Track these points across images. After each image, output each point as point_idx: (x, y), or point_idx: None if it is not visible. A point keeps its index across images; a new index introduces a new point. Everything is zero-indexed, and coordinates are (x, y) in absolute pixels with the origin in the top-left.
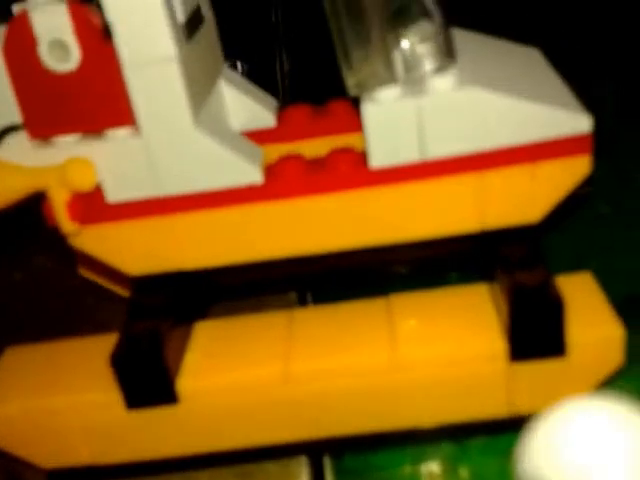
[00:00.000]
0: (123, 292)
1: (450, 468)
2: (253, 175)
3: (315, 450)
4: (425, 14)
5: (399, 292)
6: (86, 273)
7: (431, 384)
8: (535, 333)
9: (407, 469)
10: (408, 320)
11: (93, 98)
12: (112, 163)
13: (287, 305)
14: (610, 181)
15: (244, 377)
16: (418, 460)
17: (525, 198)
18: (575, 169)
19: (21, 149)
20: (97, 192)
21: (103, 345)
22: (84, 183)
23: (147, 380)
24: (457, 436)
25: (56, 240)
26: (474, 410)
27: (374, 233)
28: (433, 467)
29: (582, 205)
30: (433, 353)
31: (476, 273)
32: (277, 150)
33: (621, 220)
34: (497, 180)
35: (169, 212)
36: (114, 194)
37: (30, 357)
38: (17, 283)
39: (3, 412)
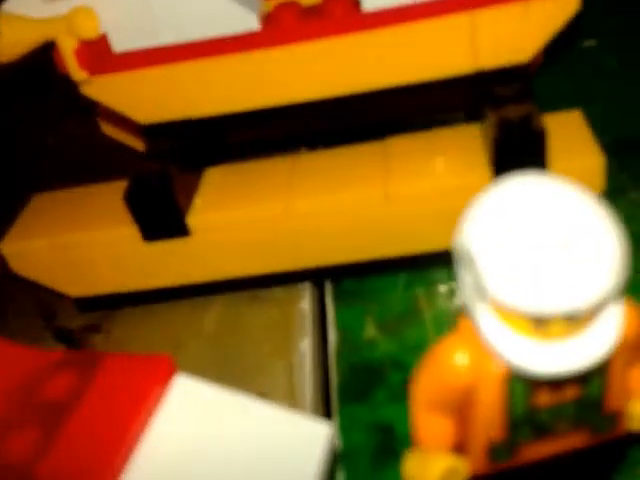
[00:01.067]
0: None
1: (436, 291)
2: (250, 22)
3: (317, 276)
4: None
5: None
6: (108, 130)
7: (422, 214)
8: (518, 163)
9: (400, 291)
10: (402, 158)
11: None
12: (114, 13)
13: None
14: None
15: (249, 212)
16: (411, 284)
17: (517, 37)
18: (565, 6)
19: (30, 3)
20: (104, 43)
21: (123, 188)
22: (89, 30)
23: (159, 215)
24: (447, 263)
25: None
26: None
27: (371, 76)
28: (423, 290)
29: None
30: (424, 185)
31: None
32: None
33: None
34: (489, 19)
35: (171, 61)
36: (119, 44)
37: (55, 201)
38: (49, 147)
39: (33, 245)
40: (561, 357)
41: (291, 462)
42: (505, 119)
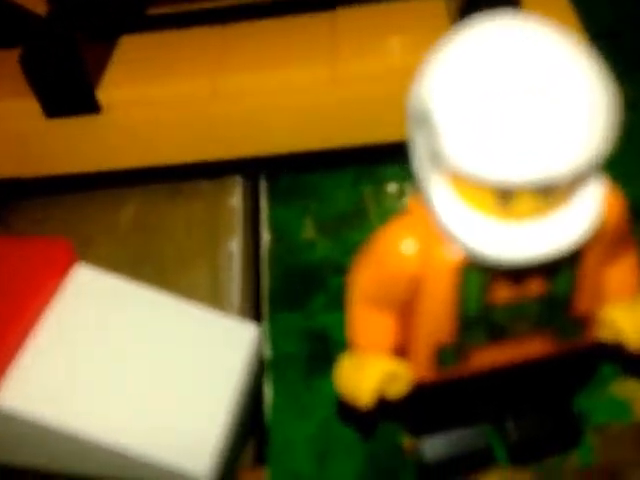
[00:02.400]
0: None
1: (385, 190)
2: None
3: (250, 170)
4: None
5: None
6: None
7: (372, 98)
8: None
9: (345, 189)
10: (352, 32)
11: None
12: None
13: None
14: None
15: (171, 87)
16: (357, 181)
17: None
18: None
19: None
20: None
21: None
22: None
23: (63, 86)
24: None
25: None
26: None
27: None
28: (371, 188)
29: None
30: (375, 64)
31: None
32: None
33: None
34: None
35: None
36: None
37: None
38: None
39: None
40: (526, 241)
41: (213, 364)
42: None
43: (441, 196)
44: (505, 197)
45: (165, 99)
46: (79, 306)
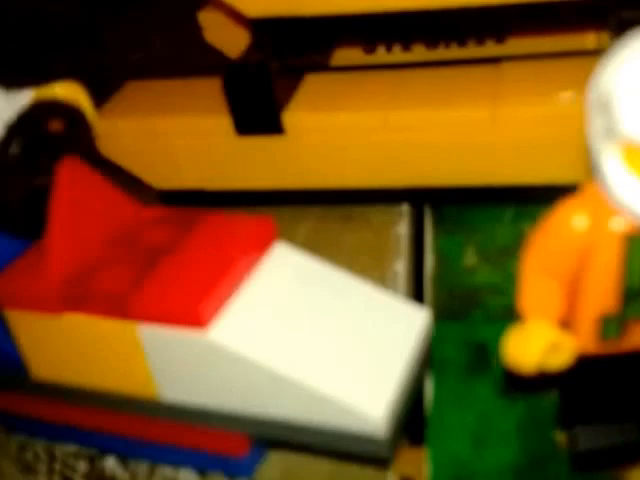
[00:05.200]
0: None
1: None
2: None
3: (416, 199)
4: None
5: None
6: (210, 36)
7: (532, 141)
8: None
9: (505, 225)
10: (515, 82)
11: None
12: None
13: None
14: None
15: (348, 115)
16: (518, 218)
17: None
18: None
19: None
20: None
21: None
22: None
23: (255, 107)
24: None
25: None
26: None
27: None
28: (531, 226)
29: None
30: (536, 109)
31: None
32: None
33: None
34: None
35: None
36: None
37: (147, 89)
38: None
39: (120, 125)
40: None
41: (390, 332)
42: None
43: (613, 168)
44: None
45: (341, 127)
46: (278, 272)
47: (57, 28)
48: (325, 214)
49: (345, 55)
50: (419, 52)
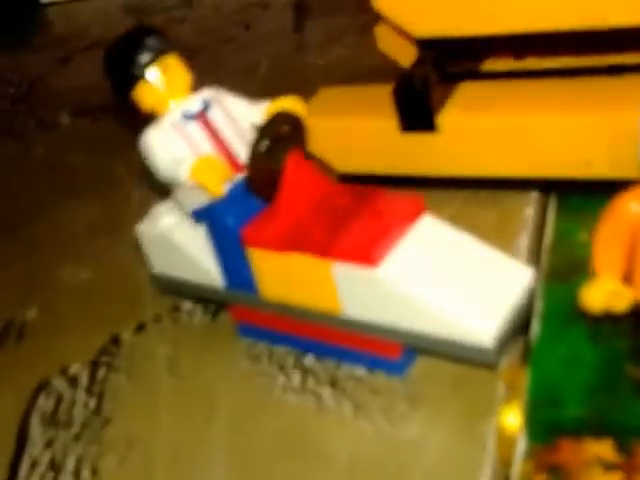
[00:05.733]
0: None
1: None
2: None
3: (545, 187)
4: None
5: None
6: (382, 46)
7: None
8: None
9: None
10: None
11: None
12: None
13: None
14: None
15: (490, 118)
16: None
17: None
18: None
19: None
20: None
21: (389, 90)
22: None
23: (416, 110)
24: None
25: None
26: None
27: None
28: None
29: None
30: None
31: None
32: None
33: None
34: None
35: None
36: None
37: (338, 94)
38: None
39: (321, 123)
40: None
41: (501, 284)
42: None
43: None
44: None
45: (485, 126)
46: (426, 233)
47: None
48: (468, 197)
49: (496, 61)
50: (567, 59)
